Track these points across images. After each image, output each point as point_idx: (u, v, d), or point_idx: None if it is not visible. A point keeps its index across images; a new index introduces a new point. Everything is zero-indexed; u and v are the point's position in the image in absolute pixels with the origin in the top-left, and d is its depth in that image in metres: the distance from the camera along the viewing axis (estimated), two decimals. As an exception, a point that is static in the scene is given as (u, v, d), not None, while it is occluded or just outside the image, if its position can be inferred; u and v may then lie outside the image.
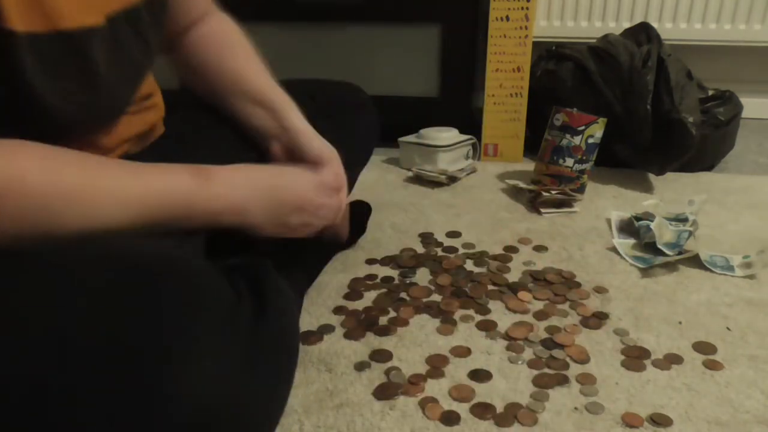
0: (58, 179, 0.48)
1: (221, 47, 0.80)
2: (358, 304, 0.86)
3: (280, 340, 0.53)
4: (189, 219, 0.57)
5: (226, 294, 0.49)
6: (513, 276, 0.94)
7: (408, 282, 0.92)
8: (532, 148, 1.43)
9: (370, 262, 0.98)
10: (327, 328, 0.80)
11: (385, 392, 0.68)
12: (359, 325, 0.81)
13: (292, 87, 0.82)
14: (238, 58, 0.80)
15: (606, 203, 1.23)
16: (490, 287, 0.90)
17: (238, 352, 0.47)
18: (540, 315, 0.83)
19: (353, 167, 0.98)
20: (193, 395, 0.42)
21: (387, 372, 0.72)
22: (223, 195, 0.60)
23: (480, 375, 0.71)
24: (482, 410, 0.66)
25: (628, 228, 1.10)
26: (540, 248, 1.03)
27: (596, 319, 0.82)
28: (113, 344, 0.41)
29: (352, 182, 1.02)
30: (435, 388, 0.70)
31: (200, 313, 0.45)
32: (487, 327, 0.81)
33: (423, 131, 1.41)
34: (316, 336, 0.78)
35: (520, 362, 0.74)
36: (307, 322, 0.82)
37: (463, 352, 0.76)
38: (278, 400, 0.54)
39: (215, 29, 0.81)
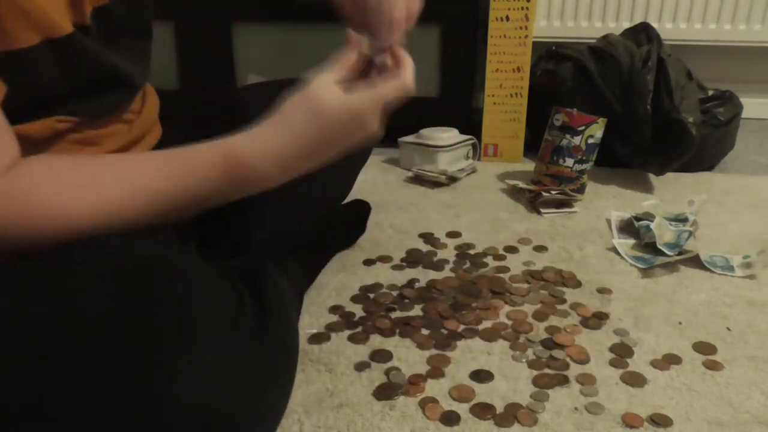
0: (62, 171, 0.48)
1: None
2: (358, 305, 0.86)
3: (280, 343, 0.53)
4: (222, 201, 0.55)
5: (228, 298, 0.49)
6: (513, 276, 0.94)
7: (408, 282, 0.92)
8: (532, 148, 1.43)
9: (369, 262, 0.98)
10: (331, 328, 0.80)
11: (385, 392, 0.68)
12: (360, 326, 0.81)
13: (278, 87, 0.82)
14: None
15: (606, 203, 1.23)
16: (490, 287, 0.90)
17: (240, 356, 0.47)
18: (540, 315, 0.83)
19: (351, 169, 0.98)
20: (195, 399, 0.43)
21: (387, 372, 0.72)
22: (260, 185, 0.55)
23: (480, 375, 0.71)
24: (482, 410, 0.66)
25: (628, 228, 1.10)
26: (540, 248, 1.03)
27: (596, 319, 0.82)
28: (115, 348, 0.41)
29: (351, 183, 1.02)
30: (435, 388, 0.70)
31: (202, 317, 0.45)
32: (488, 327, 0.81)
33: (423, 131, 1.41)
34: (323, 336, 0.78)
35: (521, 361, 0.74)
36: (307, 322, 0.82)
37: (463, 352, 0.76)
38: (279, 402, 0.54)
39: None
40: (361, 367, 0.73)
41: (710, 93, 1.45)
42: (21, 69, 0.50)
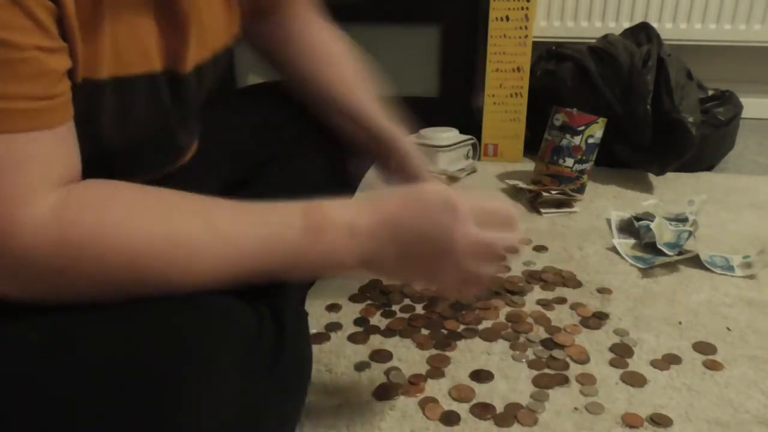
0: (148, 232, 0.43)
1: (320, 62, 0.76)
2: (357, 306, 0.86)
3: (296, 367, 0.53)
4: (299, 272, 0.50)
5: (247, 321, 0.48)
6: (513, 276, 0.94)
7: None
8: (532, 148, 1.43)
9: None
10: (331, 327, 0.80)
11: (385, 392, 0.68)
12: (360, 326, 0.81)
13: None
14: (337, 73, 0.77)
15: (606, 203, 1.23)
16: (490, 287, 0.90)
17: (256, 377, 0.47)
18: (540, 315, 0.83)
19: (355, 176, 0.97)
20: (210, 419, 0.43)
21: (387, 372, 0.72)
22: (340, 248, 0.49)
23: (480, 375, 0.71)
24: (482, 410, 0.66)
25: (628, 228, 1.10)
26: (540, 248, 1.03)
27: (596, 319, 0.82)
28: (131, 371, 0.41)
29: (353, 189, 1.01)
30: (435, 388, 0.70)
31: (221, 340, 0.45)
32: (488, 327, 0.81)
33: (423, 131, 1.41)
34: (323, 336, 0.78)
35: (521, 361, 0.74)
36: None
37: (463, 352, 0.76)
38: (292, 423, 0.55)
39: (315, 39, 0.77)
40: (361, 367, 0.73)
41: (710, 93, 1.45)
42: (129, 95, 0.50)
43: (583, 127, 1.20)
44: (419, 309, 0.85)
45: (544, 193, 1.19)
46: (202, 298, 0.46)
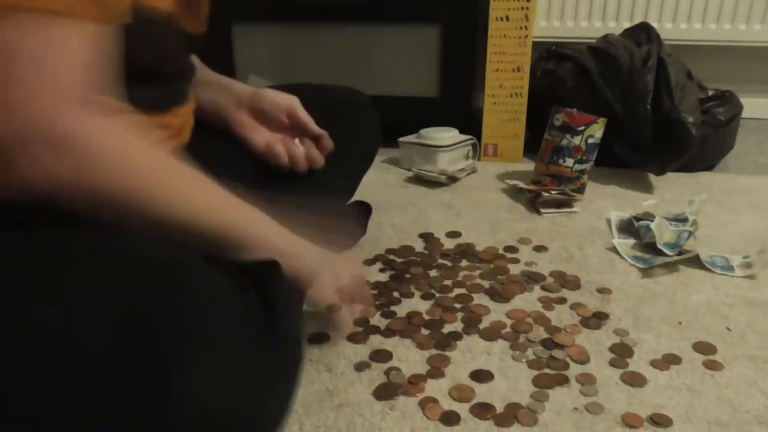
0: (157, 166, 0.56)
1: None
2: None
3: (286, 347, 0.53)
4: (242, 251, 0.62)
5: (235, 300, 0.49)
6: (513, 276, 0.94)
7: (408, 280, 0.92)
8: (532, 148, 1.43)
9: (369, 262, 0.98)
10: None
11: (385, 392, 0.68)
12: (360, 325, 0.81)
13: (291, 93, 0.84)
14: None
15: (606, 203, 1.23)
16: (489, 287, 0.90)
17: (246, 359, 0.47)
18: (540, 315, 0.83)
19: (357, 171, 0.98)
20: (201, 402, 0.43)
21: (387, 372, 0.72)
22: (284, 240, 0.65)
23: (480, 375, 0.71)
24: (482, 410, 0.66)
25: (628, 228, 1.10)
26: (540, 248, 1.03)
27: (596, 319, 0.82)
28: (121, 350, 0.41)
29: (355, 185, 1.02)
30: (435, 388, 0.70)
31: (209, 319, 0.45)
32: (487, 327, 0.81)
33: (423, 131, 1.41)
34: (323, 336, 0.78)
35: (521, 361, 0.74)
36: (307, 321, 0.82)
37: (463, 352, 0.76)
38: (283, 405, 0.55)
39: None
40: (361, 367, 0.73)
41: (710, 93, 1.45)
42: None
43: (583, 127, 1.20)
44: (419, 309, 0.85)
45: (544, 193, 1.19)
46: (188, 276, 0.47)
